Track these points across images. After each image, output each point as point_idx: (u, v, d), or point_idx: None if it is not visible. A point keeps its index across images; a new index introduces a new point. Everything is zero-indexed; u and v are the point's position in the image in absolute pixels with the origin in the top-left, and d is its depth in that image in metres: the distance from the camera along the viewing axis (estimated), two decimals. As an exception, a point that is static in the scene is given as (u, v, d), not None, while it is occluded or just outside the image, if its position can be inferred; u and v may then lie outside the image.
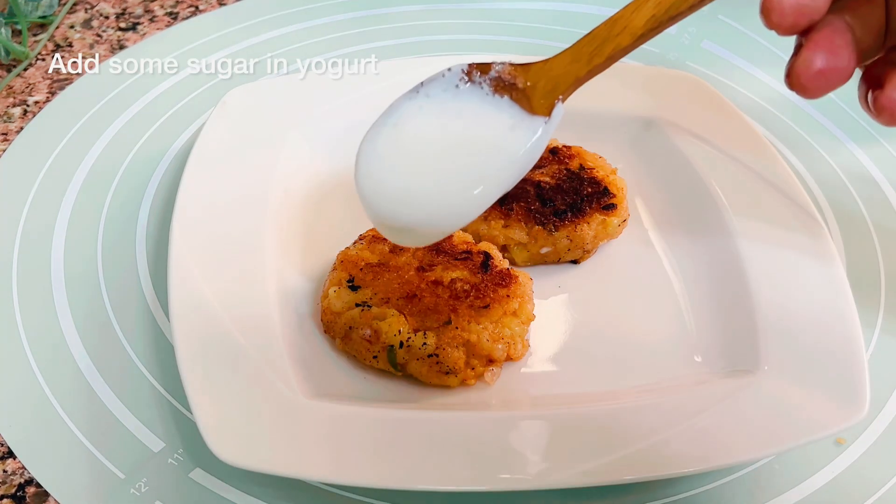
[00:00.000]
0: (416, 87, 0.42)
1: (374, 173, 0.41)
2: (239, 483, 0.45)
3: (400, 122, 0.42)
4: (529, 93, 0.41)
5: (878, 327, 0.53)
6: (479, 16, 0.80)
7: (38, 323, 0.53)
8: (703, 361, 0.50)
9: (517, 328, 0.48)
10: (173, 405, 0.48)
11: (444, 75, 0.42)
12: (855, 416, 0.43)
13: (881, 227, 0.60)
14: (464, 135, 0.41)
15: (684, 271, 0.55)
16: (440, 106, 0.42)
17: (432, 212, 0.41)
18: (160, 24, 0.80)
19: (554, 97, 0.41)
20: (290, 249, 0.55)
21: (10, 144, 0.66)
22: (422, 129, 0.42)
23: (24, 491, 0.45)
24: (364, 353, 0.48)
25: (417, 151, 0.41)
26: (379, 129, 0.42)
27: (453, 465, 0.42)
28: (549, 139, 0.41)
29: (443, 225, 0.42)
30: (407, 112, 0.42)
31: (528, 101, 0.41)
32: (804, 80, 0.37)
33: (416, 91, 0.42)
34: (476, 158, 0.41)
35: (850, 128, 0.68)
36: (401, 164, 0.41)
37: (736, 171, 0.58)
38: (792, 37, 0.37)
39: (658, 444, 0.43)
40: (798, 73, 0.37)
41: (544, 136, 0.41)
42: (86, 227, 0.59)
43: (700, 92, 0.64)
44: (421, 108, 0.42)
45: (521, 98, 0.41)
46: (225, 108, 0.61)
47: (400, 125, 0.42)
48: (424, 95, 0.42)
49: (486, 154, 0.41)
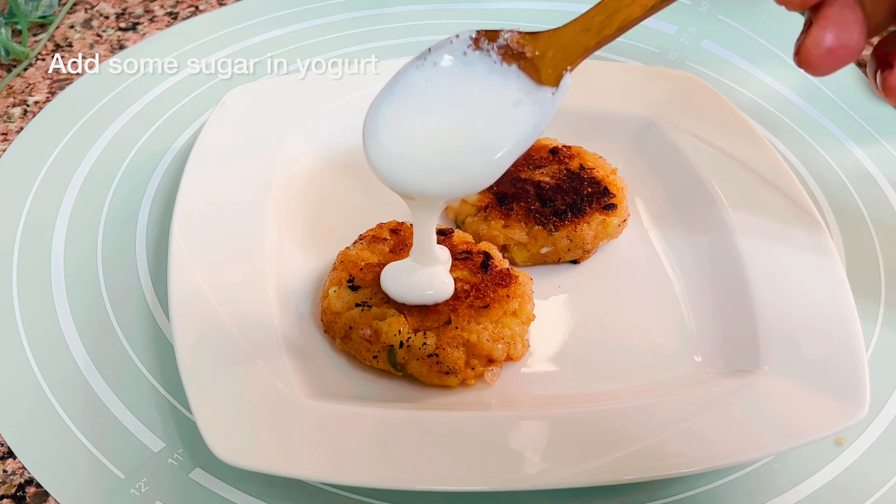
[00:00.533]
0: (423, 53, 0.42)
1: (381, 141, 0.42)
2: (239, 483, 0.45)
3: (407, 90, 0.42)
4: (538, 62, 0.41)
5: (879, 327, 0.53)
6: (479, 16, 0.80)
7: (38, 322, 0.53)
8: (703, 361, 0.50)
9: (517, 328, 0.48)
10: (173, 405, 0.48)
11: (451, 42, 0.42)
12: (855, 416, 0.43)
13: (881, 227, 0.60)
14: (471, 105, 0.41)
15: (684, 271, 0.55)
16: (448, 74, 0.42)
17: (437, 180, 0.42)
18: (160, 24, 0.80)
19: (563, 67, 0.41)
20: (290, 249, 0.55)
21: (10, 144, 0.66)
22: (429, 98, 0.42)
23: (24, 491, 0.45)
24: (364, 353, 0.48)
25: (424, 120, 0.42)
26: (386, 97, 0.42)
27: (453, 465, 0.42)
28: (556, 110, 0.41)
29: (446, 193, 0.43)
30: (414, 80, 0.42)
31: (537, 71, 0.41)
32: (813, 59, 0.37)
33: (424, 58, 0.42)
34: (482, 129, 0.41)
35: (850, 128, 0.68)
36: (407, 133, 0.42)
37: (736, 171, 0.58)
38: (794, 37, 0.37)
39: (658, 444, 0.43)
40: (807, 51, 0.37)
41: (551, 107, 0.41)
42: (86, 227, 0.59)
43: (700, 92, 0.64)
44: (429, 78, 0.42)
45: (528, 67, 0.41)
46: (225, 108, 0.61)
47: (407, 93, 0.42)
48: (432, 63, 0.42)
49: (492, 125, 0.41)
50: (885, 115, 0.70)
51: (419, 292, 0.48)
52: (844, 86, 0.72)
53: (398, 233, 0.53)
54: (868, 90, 0.72)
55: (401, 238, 0.52)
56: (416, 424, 0.44)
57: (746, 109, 0.66)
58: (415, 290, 0.48)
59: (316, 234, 0.57)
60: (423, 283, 0.48)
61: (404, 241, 0.52)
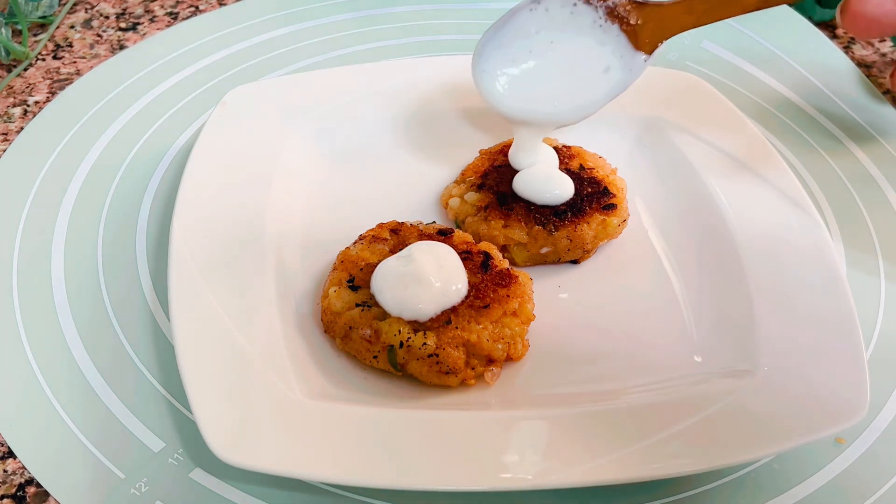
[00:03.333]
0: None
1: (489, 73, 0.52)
2: (239, 483, 0.45)
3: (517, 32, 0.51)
4: (638, 30, 0.48)
5: (878, 327, 0.53)
6: (479, 16, 0.80)
7: (39, 323, 0.53)
8: (703, 361, 0.50)
9: (517, 328, 0.48)
10: (173, 405, 0.48)
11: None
12: (855, 416, 0.43)
13: (881, 227, 0.60)
14: (573, 52, 0.50)
15: (684, 271, 0.55)
16: (557, 21, 0.50)
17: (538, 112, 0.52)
18: (160, 24, 0.80)
19: (660, 39, 0.48)
20: (290, 249, 0.55)
21: (10, 144, 0.66)
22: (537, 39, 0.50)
23: (24, 491, 0.45)
24: (364, 353, 0.48)
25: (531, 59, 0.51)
26: (499, 35, 0.51)
27: (453, 465, 0.42)
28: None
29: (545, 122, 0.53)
30: (527, 21, 0.50)
31: (636, 37, 0.48)
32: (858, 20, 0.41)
33: (538, 2, 0.50)
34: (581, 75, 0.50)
35: (850, 128, 0.68)
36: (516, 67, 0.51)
37: (736, 171, 0.58)
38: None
39: (658, 444, 0.43)
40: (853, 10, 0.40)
41: (641, 71, 0.49)
42: (86, 227, 0.59)
43: (700, 92, 0.64)
44: (538, 21, 0.50)
45: (629, 31, 0.48)
46: (225, 108, 0.61)
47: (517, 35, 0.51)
48: (544, 9, 0.50)
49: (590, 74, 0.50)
50: (885, 115, 0.70)
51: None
52: (844, 86, 0.72)
53: (398, 233, 0.53)
54: (868, 90, 0.72)
55: (401, 238, 0.52)
56: (416, 424, 0.44)
57: (746, 109, 0.66)
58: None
59: (316, 233, 0.57)
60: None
61: (404, 240, 0.52)
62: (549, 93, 0.51)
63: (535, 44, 0.50)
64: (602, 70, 0.49)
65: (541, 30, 0.50)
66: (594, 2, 0.48)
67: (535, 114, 0.53)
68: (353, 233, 0.54)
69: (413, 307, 0.46)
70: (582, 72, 0.50)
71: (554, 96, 0.51)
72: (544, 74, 0.51)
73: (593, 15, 0.48)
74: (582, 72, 0.50)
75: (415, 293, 0.47)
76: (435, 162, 0.62)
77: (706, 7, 0.47)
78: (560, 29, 0.49)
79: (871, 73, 0.74)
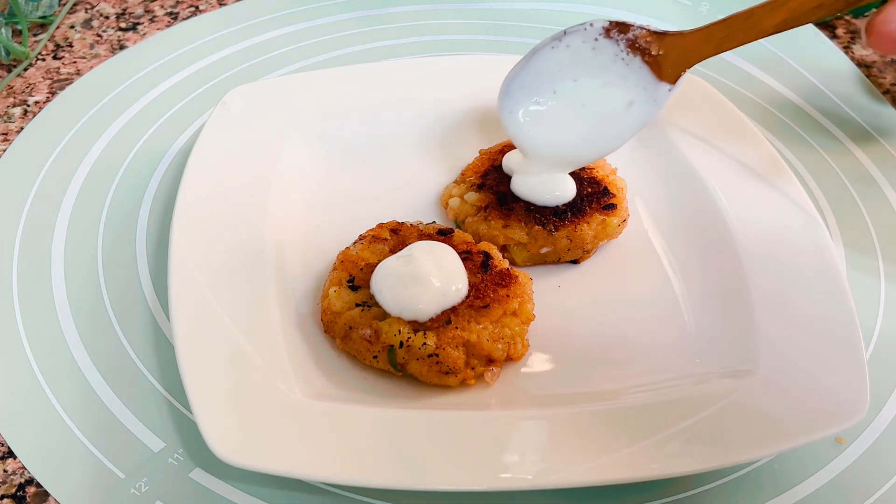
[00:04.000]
0: (558, 35, 0.49)
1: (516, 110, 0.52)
2: (239, 483, 0.45)
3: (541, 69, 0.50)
4: (661, 60, 0.48)
5: (878, 327, 0.53)
6: (480, 16, 0.80)
7: (38, 323, 0.53)
8: (703, 362, 0.50)
9: (517, 328, 0.48)
10: (173, 405, 0.48)
11: (586, 29, 0.48)
12: (855, 416, 0.43)
13: (881, 227, 0.60)
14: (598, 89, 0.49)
15: (684, 271, 0.55)
16: (580, 58, 0.49)
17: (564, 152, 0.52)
18: (160, 24, 0.80)
19: (683, 69, 0.48)
20: (290, 249, 0.55)
21: (10, 144, 0.66)
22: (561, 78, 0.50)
23: (24, 491, 0.45)
24: (364, 353, 0.48)
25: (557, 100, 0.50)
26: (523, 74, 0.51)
27: (453, 465, 0.42)
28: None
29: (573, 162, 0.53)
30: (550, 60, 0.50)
31: (659, 67, 0.48)
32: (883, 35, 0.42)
33: (559, 40, 0.49)
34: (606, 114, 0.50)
35: (850, 128, 0.68)
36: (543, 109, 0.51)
37: (736, 172, 0.58)
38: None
39: (658, 444, 0.43)
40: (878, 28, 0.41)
41: (665, 101, 0.49)
42: (86, 227, 0.59)
43: (700, 92, 0.64)
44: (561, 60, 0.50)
45: (651, 62, 0.48)
46: (225, 108, 0.61)
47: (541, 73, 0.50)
48: (566, 46, 0.49)
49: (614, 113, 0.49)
50: (885, 115, 0.70)
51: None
52: (844, 86, 0.72)
53: (398, 233, 0.53)
54: (868, 90, 0.72)
55: (401, 238, 0.52)
56: (417, 424, 0.44)
57: (746, 109, 0.66)
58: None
59: (316, 233, 0.57)
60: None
61: (404, 240, 0.52)
62: (577, 136, 0.51)
63: (560, 83, 0.50)
64: (625, 106, 0.49)
65: (564, 67, 0.49)
66: (615, 35, 0.48)
67: (563, 159, 0.53)
68: (353, 233, 0.54)
69: (413, 307, 0.46)
70: (607, 111, 0.50)
71: (580, 139, 0.51)
72: (571, 117, 0.51)
73: (615, 48, 0.48)
74: (607, 111, 0.50)
75: (415, 293, 0.47)
76: (435, 162, 0.62)
77: (725, 34, 0.47)
78: (583, 65, 0.49)
79: (871, 73, 0.74)
